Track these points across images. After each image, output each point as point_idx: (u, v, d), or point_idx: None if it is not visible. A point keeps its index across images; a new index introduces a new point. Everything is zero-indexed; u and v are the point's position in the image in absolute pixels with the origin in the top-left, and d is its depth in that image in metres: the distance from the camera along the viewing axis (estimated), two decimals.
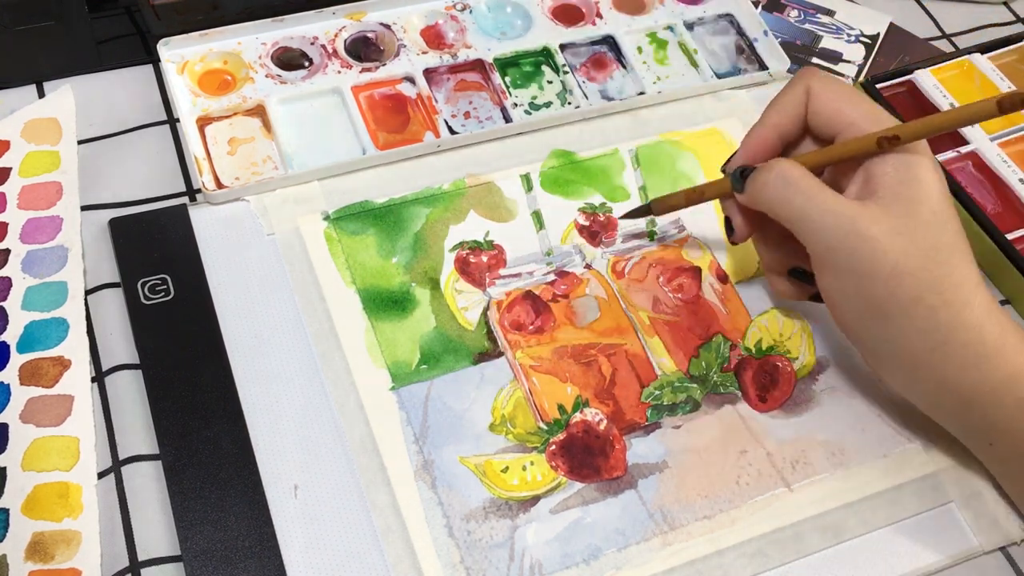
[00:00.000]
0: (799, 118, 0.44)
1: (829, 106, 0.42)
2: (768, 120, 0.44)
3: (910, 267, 0.39)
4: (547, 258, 0.51)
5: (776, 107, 0.44)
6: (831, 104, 0.42)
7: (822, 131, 0.43)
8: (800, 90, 0.43)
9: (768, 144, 0.44)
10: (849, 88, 0.43)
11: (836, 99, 0.42)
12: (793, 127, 0.44)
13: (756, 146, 0.44)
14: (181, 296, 0.47)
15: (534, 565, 0.42)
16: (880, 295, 0.40)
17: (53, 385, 0.44)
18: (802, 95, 0.43)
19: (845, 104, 0.42)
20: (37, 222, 0.49)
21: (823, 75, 0.43)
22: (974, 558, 0.45)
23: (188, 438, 0.43)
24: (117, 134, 0.54)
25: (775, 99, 0.44)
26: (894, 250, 0.39)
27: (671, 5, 0.62)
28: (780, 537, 0.44)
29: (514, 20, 0.60)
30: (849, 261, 0.40)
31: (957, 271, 0.40)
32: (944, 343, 0.40)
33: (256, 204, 0.51)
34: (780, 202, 0.41)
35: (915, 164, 0.40)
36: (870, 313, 0.41)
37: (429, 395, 0.46)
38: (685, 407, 0.47)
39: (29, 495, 0.41)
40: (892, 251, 0.39)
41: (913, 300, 0.39)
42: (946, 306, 0.39)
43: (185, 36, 0.55)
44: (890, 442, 0.47)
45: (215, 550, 0.41)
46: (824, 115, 0.43)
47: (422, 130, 0.54)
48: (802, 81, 0.43)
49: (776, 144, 0.44)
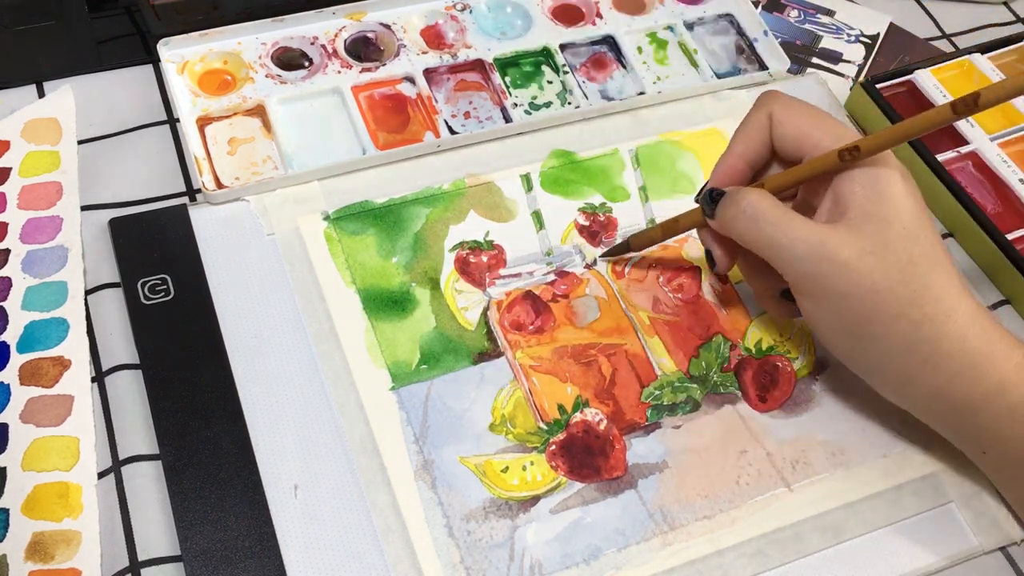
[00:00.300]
0: (764, 145, 0.44)
1: (793, 130, 0.42)
2: (734, 149, 0.44)
3: (887, 285, 0.39)
4: (547, 258, 0.51)
5: (740, 137, 0.44)
6: (795, 128, 0.42)
7: (789, 155, 0.43)
8: (763, 117, 0.43)
9: (737, 172, 0.44)
10: (811, 109, 0.43)
11: (799, 122, 0.42)
12: (759, 154, 0.44)
13: (725, 176, 0.44)
14: (181, 296, 0.47)
15: (534, 565, 0.42)
16: (861, 316, 0.40)
17: (53, 385, 0.44)
18: (765, 121, 0.43)
19: (809, 126, 0.42)
20: (37, 222, 0.49)
21: (784, 99, 0.43)
22: (974, 558, 0.45)
23: (188, 438, 0.43)
24: (117, 134, 0.54)
25: (739, 128, 0.44)
26: (869, 271, 0.39)
27: (671, 5, 0.62)
28: (780, 537, 0.44)
29: (514, 20, 0.60)
30: (824, 286, 0.40)
31: (936, 283, 0.39)
32: (931, 356, 0.40)
33: (256, 204, 0.51)
34: (750, 233, 0.41)
35: (883, 179, 0.40)
36: (853, 333, 0.41)
37: (429, 395, 0.46)
38: (685, 407, 0.47)
39: (29, 495, 0.41)
40: (867, 272, 0.39)
41: (894, 317, 0.39)
42: (928, 320, 0.39)
43: (185, 36, 0.55)
44: (890, 442, 0.47)
45: (215, 550, 0.41)
46: (789, 139, 0.43)
47: (422, 130, 0.54)
48: (764, 108, 0.43)
49: (745, 171, 0.44)
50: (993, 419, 0.40)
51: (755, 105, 0.44)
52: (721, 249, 0.45)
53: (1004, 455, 0.42)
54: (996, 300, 0.53)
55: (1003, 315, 0.53)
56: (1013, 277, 0.53)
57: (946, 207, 0.56)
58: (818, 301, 0.41)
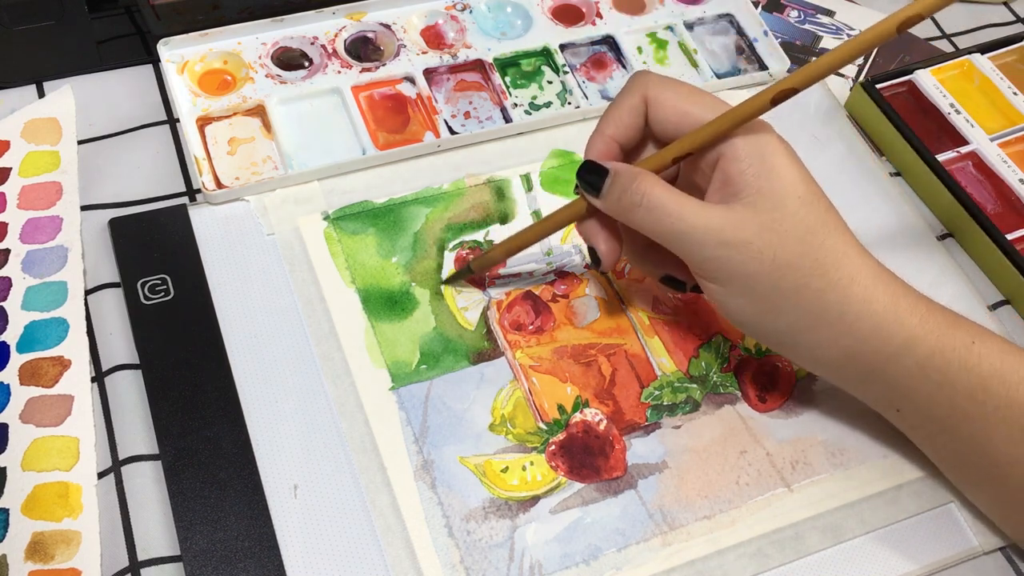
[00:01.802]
0: (638, 128, 0.42)
1: (673, 111, 0.41)
2: (606, 131, 0.43)
3: (788, 258, 0.39)
4: (547, 258, 0.51)
5: (612, 119, 0.43)
6: (674, 109, 0.41)
7: (669, 135, 0.42)
8: (637, 100, 0.42)
9: (611, 155, 0.43)
10: (688, 87, 0.42)
11: (677, 103, 0.41)
12: (631, 138, 0.43)
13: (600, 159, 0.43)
14: (181, 296, 0.47)
15: (534, 565, 0.42)
16: (766, 292, 0.40)
17: (53, 385, 0.44)
18: (640, 104, 0.42)
19: (688, 105, 0.41)
20: (37, 222, 0.49)
21: (658, 80, 0.42)
22: (974, 558, 0.45)
23: (188, 438, 0.43)
24: (117, 134, 0.54)
25: (610, 110, 0.43)
26: (770, 246, 0.39)
27: (671, 5, 0.62)
28: (780, 537, 0.44)
29: (514, 20, 0.60)
30: (728, 269, 0.40)
31: (836, 249, 0.40)
32: (839, 321, 0.40)
33: (256, 204, 0.51)
34: (648, 224, 0.40)
35: (769, 154, 0.39)
36: (761, 310, 0.41)
37: (429, 395, 0.46)
38: (685, 407, 0.47)
39: (29, 495, 0.41)
40: (768, 247, 0.39)
41: (798, 288, 0.39)
42: (832, 287, 0.39)
43: (185, 36, 0.55)
44: (890, 442, 0.47)
45: (215, 550, 0.41)
46: (670, 121, 0.41)
47: (422, 130, 0.54)
48: (638, 90, 0.42)
49: (617, 153, 0.43)
50: (904, 375, 0.40)
51: (627, 87, 0.43)
52: (605, 243, 0.43)
53: (916, 410, 0.42)
54: (996, 300, 0.53)
55: (1003, 315, 0.53)
56: (1013, 277, 0.53)
57: (946, 207, 0.56)
58: (723, 284, 0.41)
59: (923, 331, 0.40)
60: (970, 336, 0.40)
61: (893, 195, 0.56)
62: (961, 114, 0.58)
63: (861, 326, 0.40)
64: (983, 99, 0.60)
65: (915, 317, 0.40)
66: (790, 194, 0.39)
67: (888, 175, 0.57)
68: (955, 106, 0.59)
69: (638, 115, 0.42)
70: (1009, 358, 0.40)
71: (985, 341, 0.40)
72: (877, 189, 0.56)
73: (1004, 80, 0.60)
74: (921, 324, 0.40)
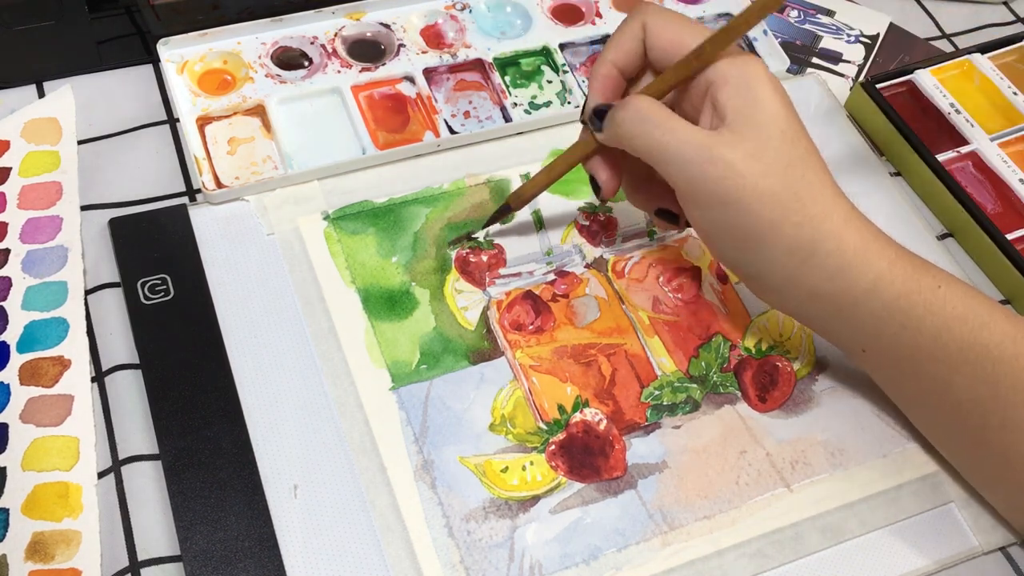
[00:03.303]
0: (637, 54, 0.44)
1: (667, 38, 0.43)
2: (607, 57, 0.44)
3: (770, 188, 0.40)
4: (547, 258, 0.51)
5: (614, 46, 0.44)
6: (669, 35, 0.43)
7: (664, 63, 0.43)
8: (636, 26, 0.44)
9: (612, 82, 0.45)
10: (684, 18, 0.43)
11: (673, 30, 0.43)
12: (633, 64, 0.44)
13: (601, 86, 0.45)
14: (181, 296, 0.47)
15: (534, 565, 0.42)
16: (747, 220, 0.40)
17: (53, 385, 0.44)
18: (639, 31, 0.43)
19: (682, 33, 0.42)
20: (37, 222, 0.49)
21: (656, 9, 0.44)
22: (974, 558, 0.45)
23: (188, 438, 0.43)
24: (117, 134, 0.54)
25: (613, 36, 0.44)
26: (753, 173, 0.39)
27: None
28: (780, 537, 0.44)
29: (514, 20, 0.60)
30: (713, 190, 0.40)
31: (814, 184, 0.40)
32: (811, 256, 0.40)
33: (256, 204, 0.51)
34: (639, 137, 0.42)
35: (754, 85, 0.40)
36: (740, 239, 0.41)
37: (429, 395, 0.46)
38: (685, 407, 0.47)
39: (29, 495, 0.41)
40: (751, 174, 0.39)
41: (777, 220, 0.40)
42: (809, 221, 0.40)
43: (185, 36, 0.55)
44: (890, 442, 0.47)
45: (215, 550, 0.41)
46: (664, 48, 0.43)
47: (422, 130, 0.54)
48: (637, 18, 0.44)
49: (620, 81, 0.45)
50: (870, 315, 0.41)
51: (628, 16, 0.44)
52: (606, 173, 0.46)
53: (881, 352, 0.43)
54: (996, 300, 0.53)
55: None
56: (1013, 277, 0.53)
57: (946, 207, 0.56)
58: (704, 209, 0.41)
59: (891, 274, 0.41)
60: (936, 281, 0.41)
61: (893, 195, 0.56)
62: (961, 114, 0.58)
63: (830, 263, 0.40)
64: (983, 99, 0.60)
65: (884, 260, 0.41)
66: (773, 126, 0.40)
67: (888, 175, 0.57)
68: (955, 106, 0.59)
69: (638, 41, 0.44)
70: (972, 302, 0.41)
71: (951, 286, 0.41)
72: (877, 189, 0.56)
73: (1004, 80, 0.60)
74: (889, 268, 0.41)
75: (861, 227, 0.41)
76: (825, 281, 0.41)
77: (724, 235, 0.42)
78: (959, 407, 0.42)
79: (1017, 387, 0.40)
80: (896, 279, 0.41)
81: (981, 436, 0.42)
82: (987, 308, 0.41)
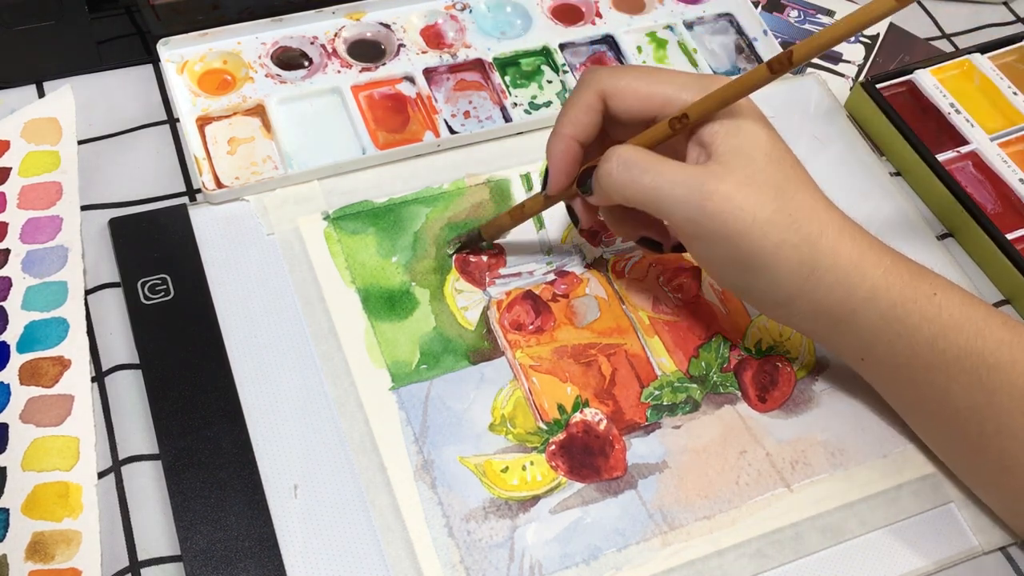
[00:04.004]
0: (594, 125, 0.44)
1: (634, 97, 0.42)
2: (565, 132, 0.44)
3: (766, 215, 0.40)
4: (547, 258, 0.51)
5: (570, 120, 0.44)
6: (635, 94, 0.42)
7: (636, 120, 0.43)
8: (592, 98, 0.43)
9: (571, 154, 0.44)
10: (641, 69, 0.43)
11: (637, 87, 0.42)
12: (590, 133, 0.44)
13: (561, 161, 0.44)
14: (181, 296, 0.47)
15: (534, 565, 0.42)
16: (749, 250, 0.40)
17: (53, 385, 0.44)
18: (595, 102, 0.43)
19: (648, 86, 0.42)
20: (37, 222, 0.49)
21: (609, 72, 0.43)
22: (974, 558, 0.45)
23: (188, 438, 0.43)
24: (117, 134, 0.54)
25: (565, 111, 0.44)
26: (748, 202, 0.40)
27: (671, 5, 0.62)
28: (780, 537, 0.44)
29: (514, 20, 0.60)
30: (713, 226, 0.40)
31: (806, 202, 0.41)
32: (811, 274, 0.41)
33: (256, 204, 0.51)
34: (629, 186, 0.41)
35: (735, 114, 0.41)
36: (743, 267, 0.41)
37: (429, 395, 0.46)
38: (685, 407, 0.47)
39: (29, 495, 0.41)
40: (746, 204, 0.40)
41: (777, 245, 0.40)
42: (805, 240, 0.40)
43: (185, 36, 0.55)
44: (890, 442, 0.47)
45: (215, 550, 0.41)
46: (634, 109, 0.43)
47: (422, 130, 0.54)
48: (591, 87, 0.43)
49: (579, 151, 0.44)
50: (867, 325, 0.41)
51: (579, 86, 0.44)
52: (580, 205, 0.46)
53: (880, 360, 0.43)
54: (996, 300, 0.53)
55: None
56: (1013, 277, 0.53)
57: (946, 207, 0.56)
58: (705, 242, 0.41)
59: (886, 282, 0.41)
60: (932, 287, 0.41)
61: (893, 195, 0.56)
62: (961, 114, 0.58)
63: (828, 278, 0.41)
64: (983, 99, 0.60)
65: (879, 269, 0.41)
66: (758, 151, 0.40)
67: (888, 175, 0.57)
68: (955, 106, 0.59)
69: (594, 112, 0.43)
70: (968, 309, 0.41)
71: (947, 292, 0.41)
72: (877, 189, 0.56)
73: (1004, 80, 0.60)
74: (885, 276, 0.41)
75: (856, 237, 0.41)
76: (824, 296, 0.41)
77: (727, 265, 0.42)
78: (957, 414, 0.42)
79: (1013, 394, 0.40)
80: (892, 287, 0.41)
81: (978, 442, 0.42)
82: (983, 315, 0.41)
